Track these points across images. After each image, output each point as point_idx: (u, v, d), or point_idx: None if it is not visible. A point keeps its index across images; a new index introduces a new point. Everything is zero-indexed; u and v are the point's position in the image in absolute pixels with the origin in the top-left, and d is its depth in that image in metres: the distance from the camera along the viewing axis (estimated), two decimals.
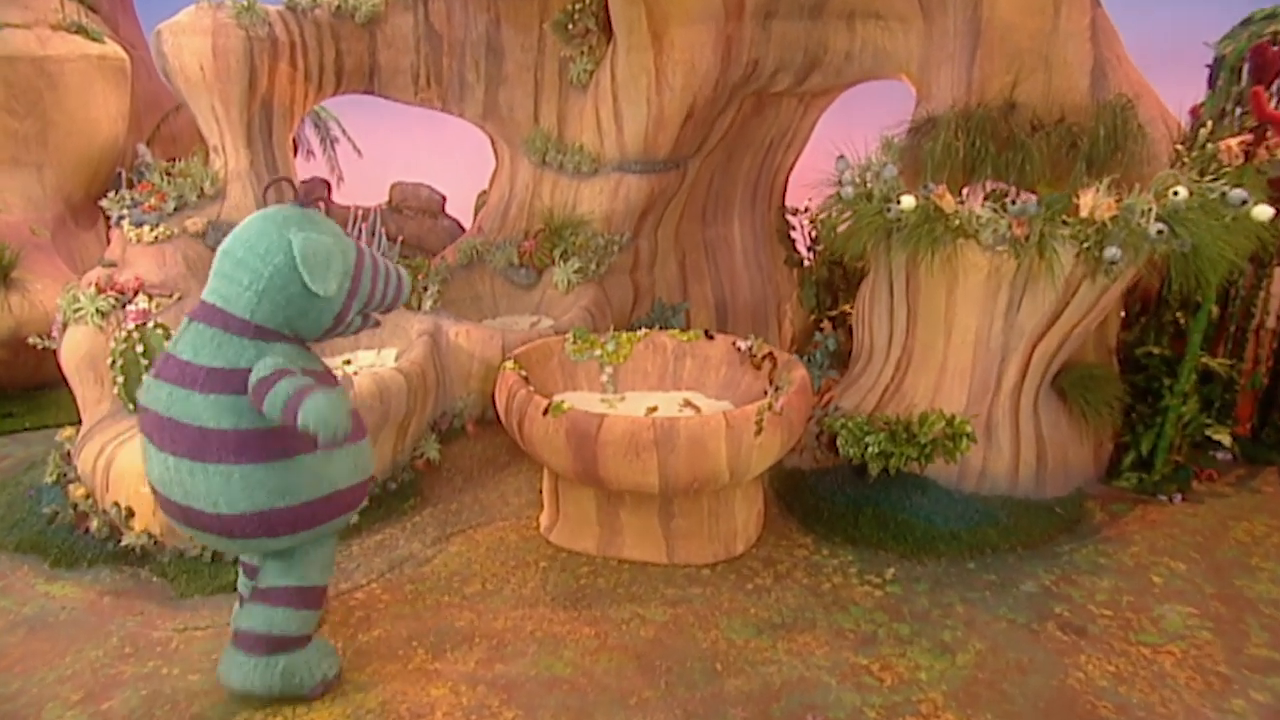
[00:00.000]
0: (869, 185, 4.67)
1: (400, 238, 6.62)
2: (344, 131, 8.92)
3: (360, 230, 5.56)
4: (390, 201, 8.39)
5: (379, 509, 4.69)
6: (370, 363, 5.18)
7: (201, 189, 5.46)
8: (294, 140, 7.10)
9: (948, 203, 4.27)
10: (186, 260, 5.16)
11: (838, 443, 4.53)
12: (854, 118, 6.26)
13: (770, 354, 4.54)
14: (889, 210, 4.42)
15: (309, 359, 3.13)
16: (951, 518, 4.37)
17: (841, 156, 4.84)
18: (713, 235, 6.82)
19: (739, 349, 4.66)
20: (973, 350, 4.51)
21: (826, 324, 6.30)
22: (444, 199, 8.39)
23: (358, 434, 3.23)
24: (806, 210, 6.98)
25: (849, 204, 4.67)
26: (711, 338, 4.76)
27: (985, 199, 4.40)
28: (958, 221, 4.24)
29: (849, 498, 4.53)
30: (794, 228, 7.12)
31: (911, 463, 4.42)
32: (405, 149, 9.06)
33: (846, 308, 6.59)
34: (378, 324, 3.34)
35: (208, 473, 2.96)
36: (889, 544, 4.31)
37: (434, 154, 9.08)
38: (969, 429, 4.32)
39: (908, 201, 4.34)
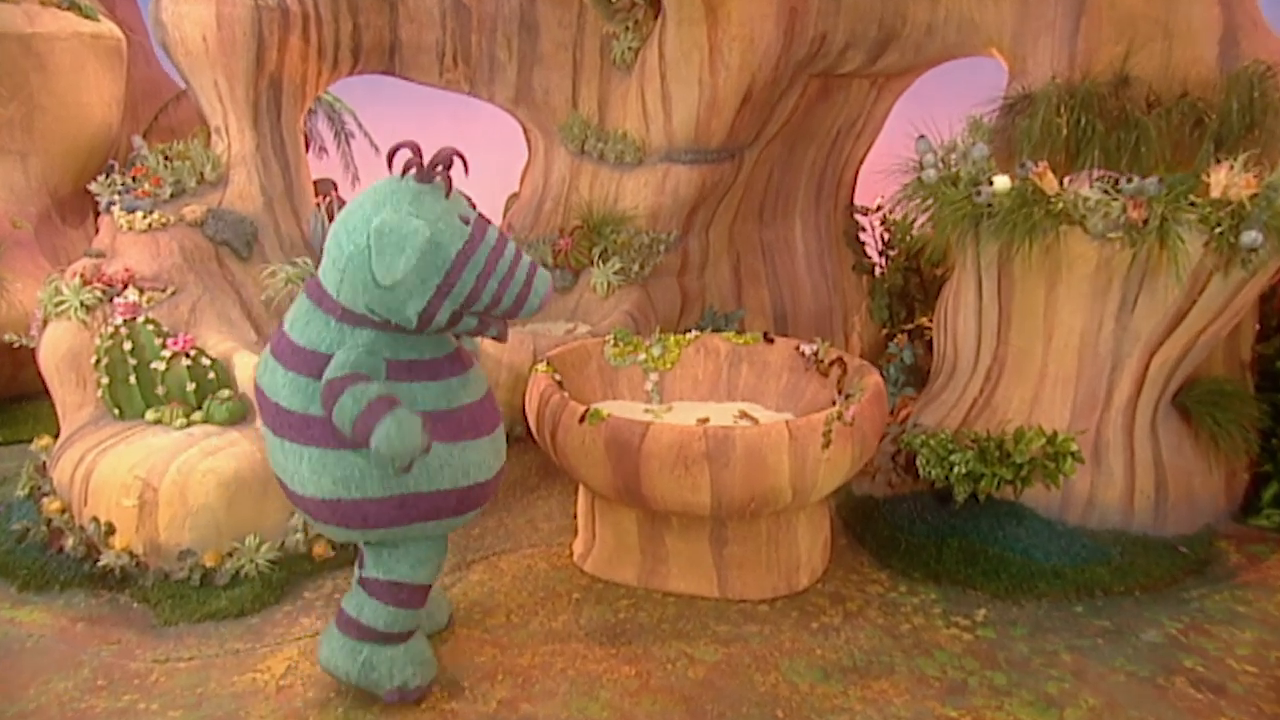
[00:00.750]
0: (954, 168, 4.62)
1: None
2: (360, 125, 9.07)
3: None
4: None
5: None
6: None
7: (201, 174, 5.53)
8: (305, 134, 7.21)
9: (1049, 182, 4.20)
10: (183, 251, 5.21)
11: (917, 463, 4.47)
12: (930, 106, 6.19)
13: (839, 359, 4.51)
14: (978, 194, 4.37)
15: (405, 346, 3.17)
16: (1053, 553, 4.28)
17: (922, 136, 4.81)
18: (771, 236, 6.81)
19: (803, 353, 4.64)
20: (1077, 357, 4.43)
21: (901, 337, 6.23)
22: (470, 202, 8.46)
23: (457, 433, 3.23)
24: (878, 209, 6.94)
25: (930, 190, 4.63)
26: (771, 341, 4.75)
27: (1092, 182, 4.31)
28: (1061, 205, 4.17)
29: (931, 527, 4.46)
30: (864, 229, 7.09)
31: (1005, 486, 4.34)
32: (427, 146, 9.19)
33: (924, 320, 6.57)
34: (500, 336, 3.26)
35: (285, 450, 3.23)
36: (979, 581, 4.24)
37: (460, 151, 9.16)
38: (1074, 448, 4.23)
39: (1001, 182, 4.28)
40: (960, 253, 4.80)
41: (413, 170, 3.07)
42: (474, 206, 3.17)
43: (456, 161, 3.10)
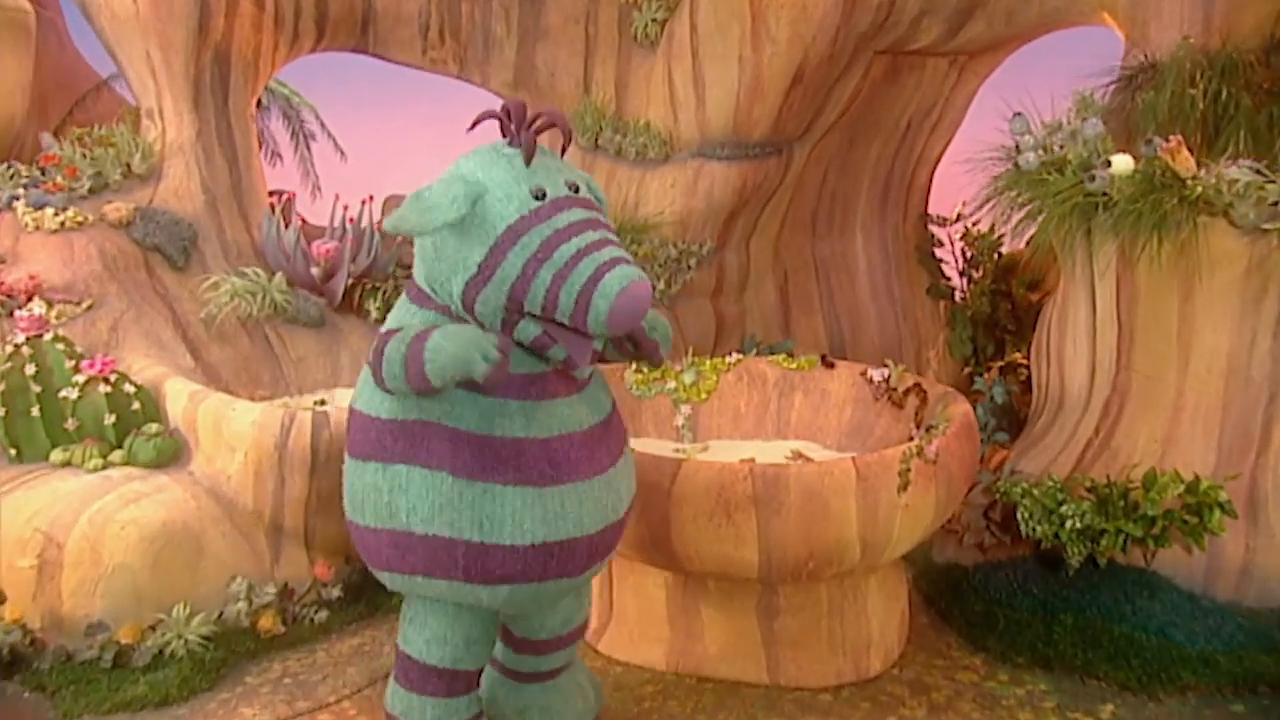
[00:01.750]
0: (1060, 150, 4.56)
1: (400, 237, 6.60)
2: (323, 125, 9.08)
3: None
4: (380, 229, 8.47)
5: (356, 602, 4.65)
6: None
7: (128, 165, 5.52)
8: (258, 133, 7.18)
9: (1184, 162, 4.11)
10: (103, 257, 5.19)
11: (1018, 518, 4.36)
12: (1019, 87, 6.18)
13: (917, 385, 4.47)
14: (1091, 180, 4.31)
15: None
16: (1199, 634, 4.15)
17: (1018, 114, 4.76)
18: (827, 251, 6.76)
19: (871, 380, 4.61)
20: (1224, 384, 4.34)
21: (990, 373, 6.15)
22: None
23: (488, 470, 3.11)
24: (958, 219, 6.88)
25: (1030, 179, 4.56)
26: (831, 365, 4.72)
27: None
28: (1199, 189, 4.08)
29: (1037, 600, 4.36)
30: (940, 244, 7.04)
31: (1133, 547, 4.23)
32: (406, 150, 9.20)
33: (1017, 357, 6.46)
34: (570, 362, 3.13)
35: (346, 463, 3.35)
36: (1102, 669, 4.12)
37: (445, 158, 9.19)
38: (1222, 498, 4.11)
39: (1121, 163, 4.22)
40: (1067, 258, 4.73)
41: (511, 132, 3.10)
42: (575, 189, 3.06)
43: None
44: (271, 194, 6.93)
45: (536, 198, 2.97)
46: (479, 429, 3.08)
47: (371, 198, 5.99)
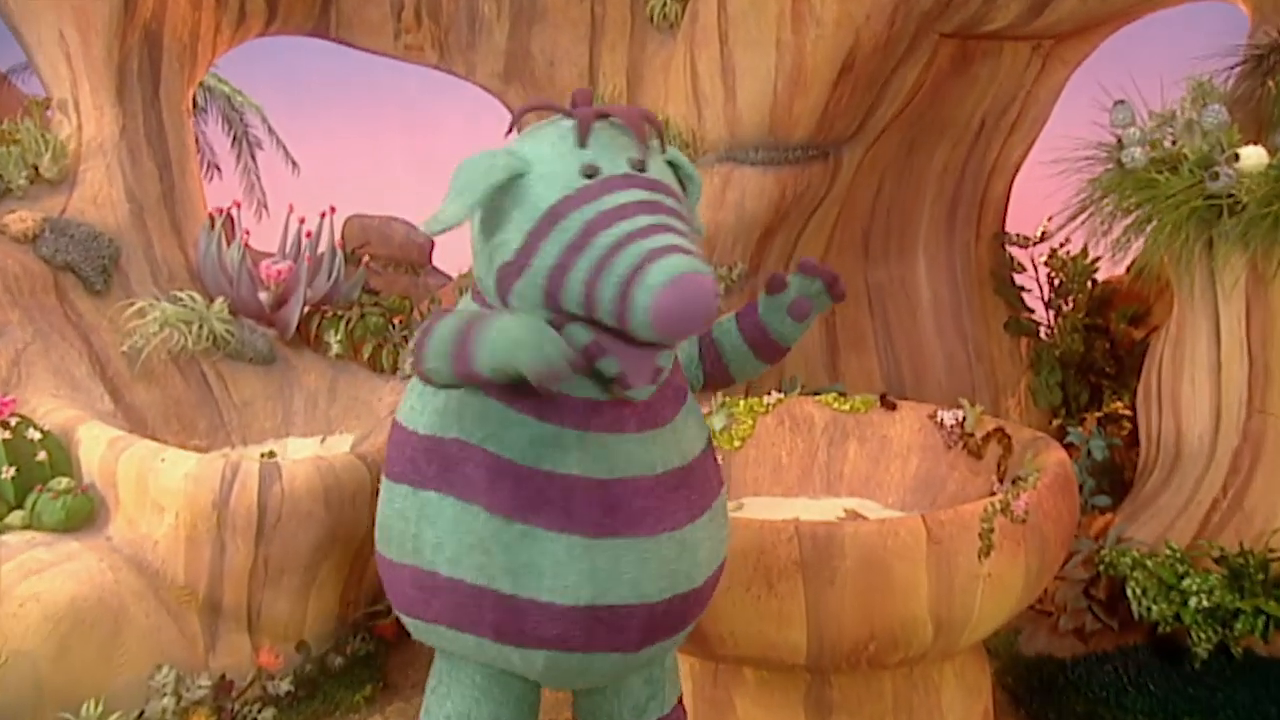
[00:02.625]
0: (1173, 145, 4.56)
1: (365, 255, 6.58)
2: (271, 130, 9.11)
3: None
4: (344, 243, 8.48)
5: (310, 699, 4.64)
6: (311, 454, 5.19)
7: (35, 168, 5.54)
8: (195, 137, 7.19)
9: None
10: (3, 277, 5.18)
11: (1128, 596, 4.37)
12: (1115, 75, 6.21)
13: (999, 430, 4.47)
14: (1214, 179, 4.29)
15: None
16: None
17: (1121, 102, 4.78)
18: (882, 278, 6.74)
19: (942, 424, 4.62)
20: None
21: (1086, 425, 6.09)
22: (431, 244, 8.44)
23: (576, 519, 3.06)
24: (1043, 238, 6.86)
25: (1135, 181, 4.57)
26: (892, 406, 4.75)
27: None
28: None
29: (1154, 701, 4.32)
30: (1021, 269, 7.01)
31: (1276, 633, 4.17)
32: (374, 161, 9.24)
33: (1118, 404, 6.41)
34: (621, 381, 3.06)
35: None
36: None
37: (422, 170, 9.23)
38: None
39: (1253, 157, 4.22)
40: (1183, 278, 4.71)
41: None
42: (640, 166, 3.04)
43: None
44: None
45: (586, 176, 2.96)
46: (525, 459, 3.05)
47: (333, 209, 5.98)
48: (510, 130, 3.18)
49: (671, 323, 2.81)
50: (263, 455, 5.15)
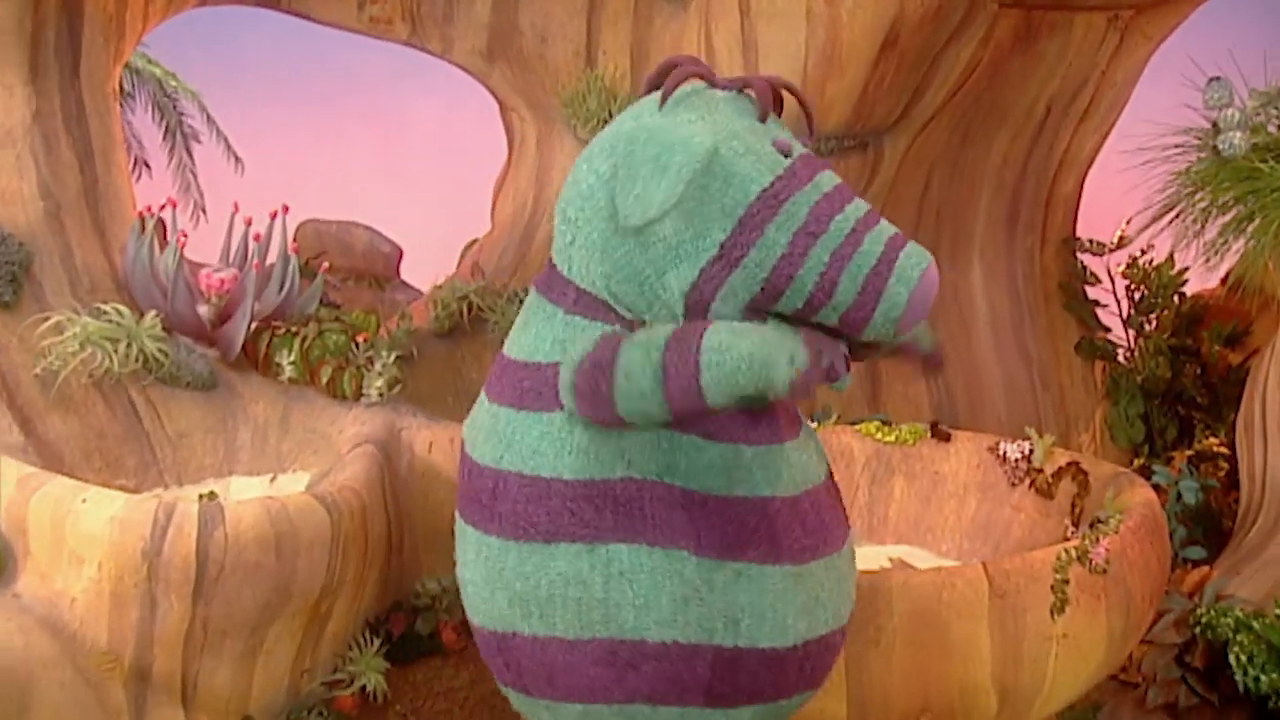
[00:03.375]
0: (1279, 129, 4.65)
1: (325, 262, 6.55)
2: (210, 120, 9.08)
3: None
4: (298, 251, 8.47)
5: None
6: (259, 492, 5.19)
7: None
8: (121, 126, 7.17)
9: None
10: None
11: (1230, 663, 4.39)
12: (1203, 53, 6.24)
13: (1073, 465, 4.50)
14: None
15: None
16: None
17: (1216, 79, 4.84)
18: None
19: (1004, 458, 4.66)
20: None
21: (1175, 464, 6.09)
22: (399, 253, 8.43)
23: (783, 546, 3.13)
24: (1121, 244, 6.89)
25: (1234, 171, 4.64)
26: (946, 437, 4.79)
27: None
28: None
29: None
30: (1095, 280, 7.04)
31: None
32: (327, 158, 9.23)
33: (1213, 441, 6.45)
34: (831, 372, 3.15)
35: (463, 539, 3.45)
36: None
37: (382, 170, 9.25)
38: None
39: None
40: None
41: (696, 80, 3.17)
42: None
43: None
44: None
45: (784, 155, 3.04)
46: (715, 487, 3.09)
47: (286, 208, 5.93)
48: (664, 101, 3.15)
49: (918, 316, 2.99)
50: (202, 496, 5.04)
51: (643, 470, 3.05)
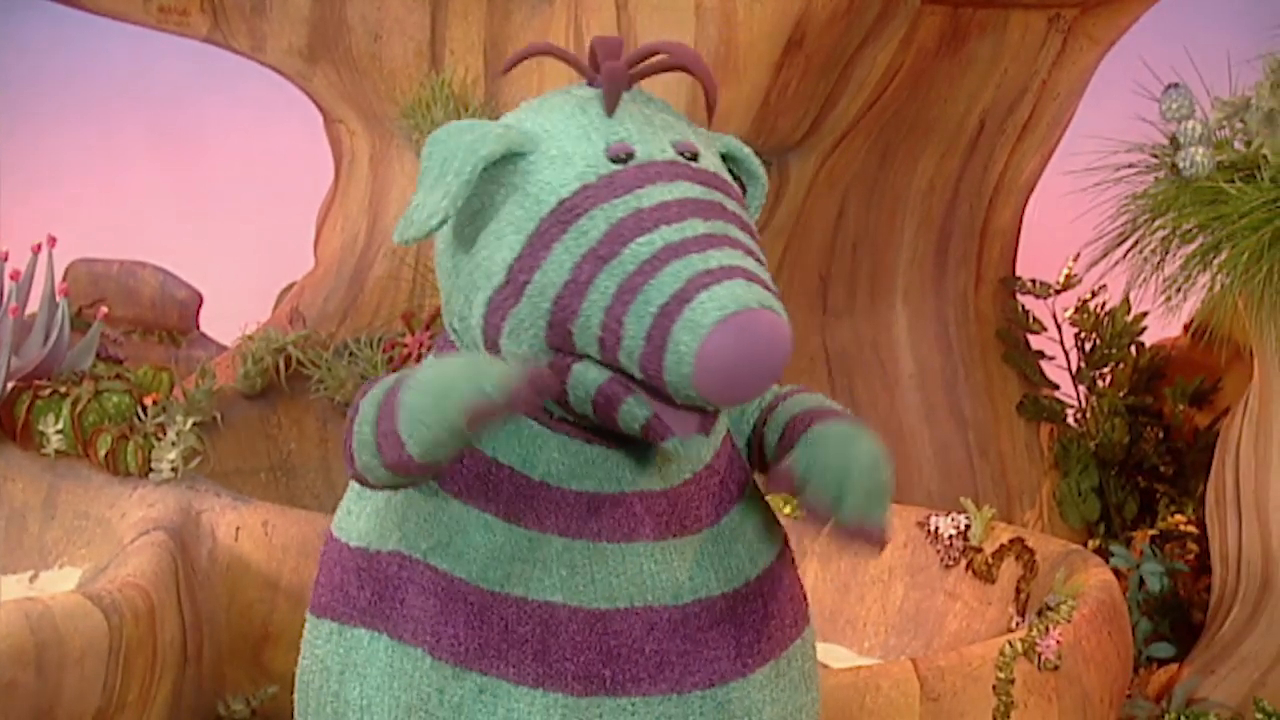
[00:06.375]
0: (1246, 144, 4.71)
1: (103, 309, 6.50)
2: None
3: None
4: (68, 294, 8.37)
5: None
6: (15, 593, 5.15)
7: None
8: None
9: None
10: None
11: None
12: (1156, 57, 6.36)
13: (1016, 542, 4.58)
14: None
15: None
16: None
17: (1175, 86, 4.88)
18: (847, 339, 6.85)
19: (936, 534, 4.72)
20: None
21: (1137, 544, 6.14)
22: (197, 300, 8.37)
23: (555, 672, 2.96)
24: (1069, 283, 6.97)
25: (1196, 193, 4.67)
26: None
27: None
28: None
29: None
30: (1039, 327, 7.13)
31: None
32: (104, 181, 9.13)
33: (1179, 518, 6.56)
34: (653, 429, 2.85)
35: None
36: None
37: (173, 197, 9.15)
38: None
39: None
40: (1266, 330, 4.79)
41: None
42: (690, 155, 2.94)
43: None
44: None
45: (616, 160, 2.86)
46: (484, 579, 2.94)
47: (54, 240, 5.87)
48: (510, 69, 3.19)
49: (720, 380, 2.64)
50: None
51: (411, 546, 2.96)
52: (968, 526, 4.61)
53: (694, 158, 2.89)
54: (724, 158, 3.03)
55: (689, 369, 2.59)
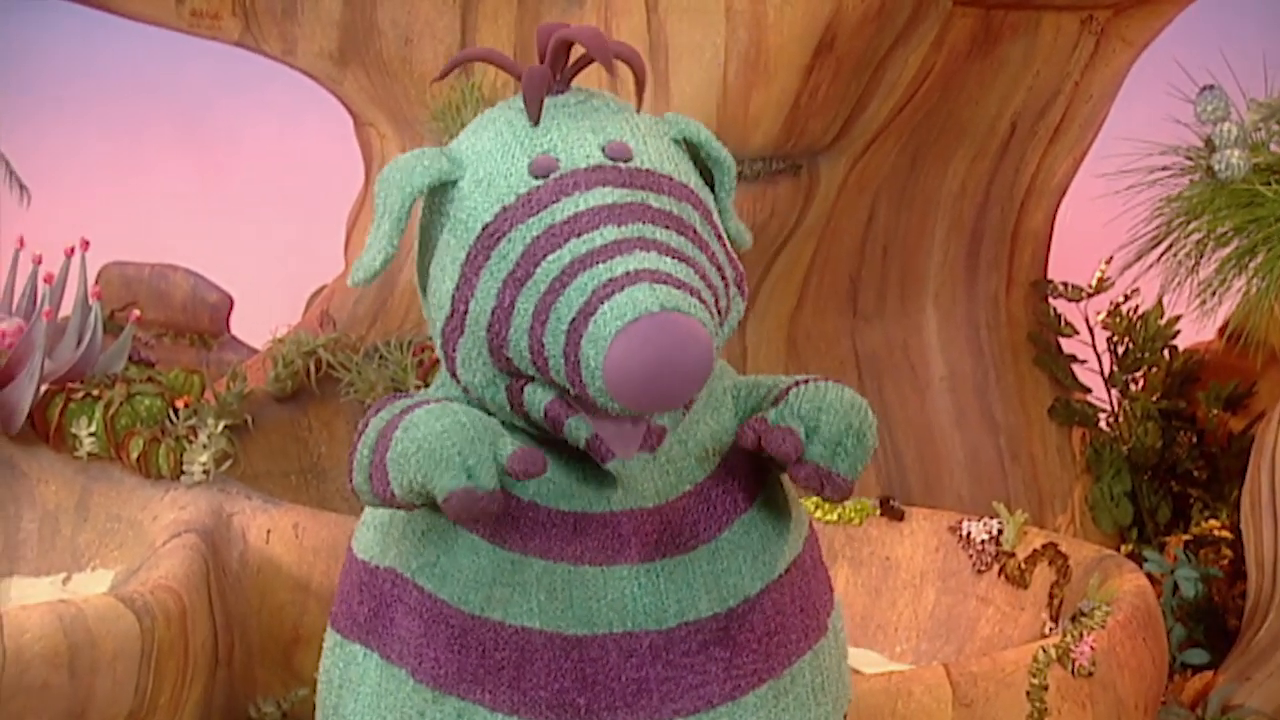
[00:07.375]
0: None
1: (135, 313, 6.52)
2: None
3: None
4: (101, 297, 8.38)
5: None
6: (48, 595, 5.12)
7: None
8: None
9: None
10: None
11: None
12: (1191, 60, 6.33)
13: (1050, 547, 4.56)
14: None
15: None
16: None
17: (1209, 88, 4.89)
18: (877, 343, 6.85)
19: (968, 539, 4.71)
20: None
21: (1170, 549, 6.15)
22: (228, 303, 8.38)
23: (530, 699, 2.95)
24: (1101, 286, 6.93)
25: (1232, 196, 4.69)
26: (898, 516, 4.88)
27: None
28: None
29: None
30: (1071, 330, 7.10)
31: None
32: (137, 187, 9.15)
33: (1213, 524, 6.52)
34: (596, 448, 2.86)
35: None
36: None
37: (204, 201, 9.18)
38: None
39: None
40: None
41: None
42: (623, 156, 2.88)
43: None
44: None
45: (538, 176, 2.85)
46: (466, 602, 2.93)
47: (86, 244, 5.90)
48: (443, 77, 3.22)
49: (634, 389, 2.63)
50: None
51: (403, 564, 2.97)
52: (1000, 531, 4.61)
53: (627, 156, 2.84)
54: (687, 144, 2.98)
55: (601, 382, 2.62)
